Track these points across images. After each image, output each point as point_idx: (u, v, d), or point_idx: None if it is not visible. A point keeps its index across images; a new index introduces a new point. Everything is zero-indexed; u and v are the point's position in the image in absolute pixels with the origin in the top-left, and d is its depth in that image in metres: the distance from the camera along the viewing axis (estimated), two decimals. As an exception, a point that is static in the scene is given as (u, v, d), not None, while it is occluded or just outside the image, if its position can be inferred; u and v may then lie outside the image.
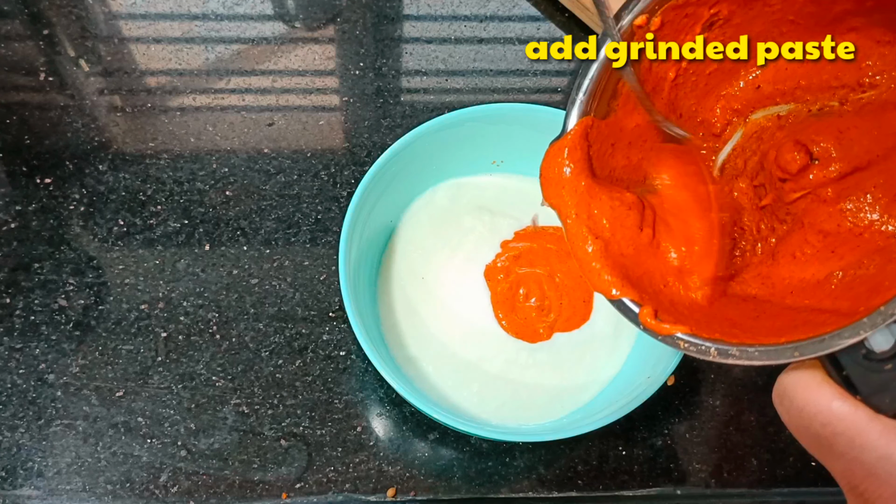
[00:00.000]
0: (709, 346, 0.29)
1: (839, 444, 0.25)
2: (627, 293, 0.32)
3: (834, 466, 0.26)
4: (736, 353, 0.28)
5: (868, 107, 0.33)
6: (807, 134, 0.34)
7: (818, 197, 0.33)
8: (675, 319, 0.31)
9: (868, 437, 0.24)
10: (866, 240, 0.31)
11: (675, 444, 0.45)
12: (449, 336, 0.44)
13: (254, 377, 0.45)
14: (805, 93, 0.35)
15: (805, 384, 0.26)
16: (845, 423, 0.24)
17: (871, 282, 0.28)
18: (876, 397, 0.25)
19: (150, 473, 0.42)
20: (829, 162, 0.33)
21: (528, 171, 0.48)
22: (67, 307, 0.46)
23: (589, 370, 0.44)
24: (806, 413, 0.26)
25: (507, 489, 0.43)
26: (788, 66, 0.35)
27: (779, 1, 0.33)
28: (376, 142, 0.53)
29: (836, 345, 0.25)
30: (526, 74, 0.57)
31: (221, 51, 0.56)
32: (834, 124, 0.33)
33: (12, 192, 0.49)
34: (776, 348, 0.27)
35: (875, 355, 0.25)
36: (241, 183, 0.51)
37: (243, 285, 0.48)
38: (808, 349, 0.26)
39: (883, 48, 0.32)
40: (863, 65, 0.33)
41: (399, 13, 0.59)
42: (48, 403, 0.44)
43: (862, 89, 0.33)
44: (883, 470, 0.24)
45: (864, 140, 0.32)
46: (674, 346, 0.30)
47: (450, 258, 0.46)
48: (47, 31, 0.56)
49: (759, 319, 0.31)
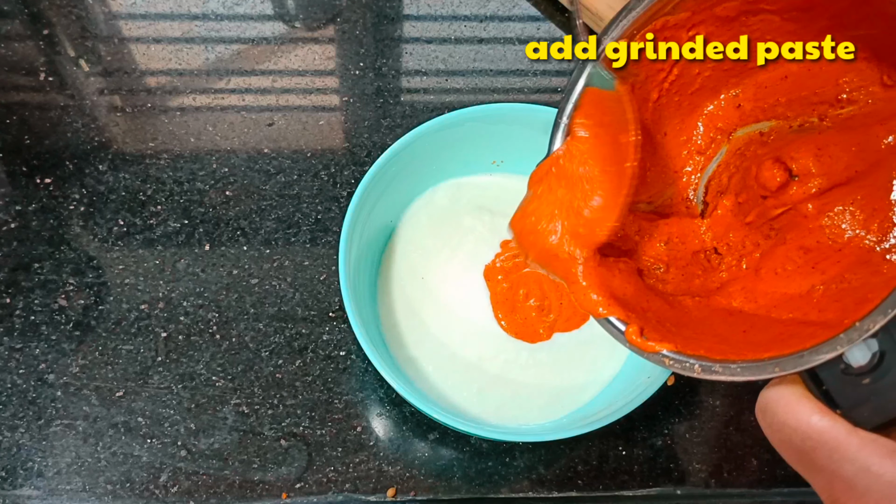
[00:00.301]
0: (693, 363, 0.30)
1: (819, 458, 0.25)
2: (614, 312, 0.33)
3: (815, 481, 0.26)
4: (719, 370, 0.29)
5: (848, 122, 0.33)
6: (786, 151, 0.34)
7: (799, 213, 0.34)
8: (661, 337, 0.31)
9: (847, 451, 0.24)
10: (846, 255, 0.32)
11: (675, 444, 0.45)
12: (449, 336, 0.44)
13: (254, 377, 0.45)
14: (786, 109, 0.36)
15: (786, 399, 0.26)
16: (824, 436, 0.25)
17: (856, 294, 0.29)
18: (855, 411, 0.25)
19: (150, 473, 0.42)
20: (809, 178, 0.33)
21: (528, 170, 0.48)
22: (67, 307, 0.46)
23: (589, 370, 0.44)
24: (787, 427, 0.26)
25: (507, 489, 0.43)
26: (768, 82, 0.36)
27: (756, 21, 0.33)
28: (376, 142, 0.53)
29: (814, 360, 0.26)
30: (526, 74, 0.57)
31: (221, 51, 0.56)
32: (813, 141, 0.34)
33: (12, 192, 0.49)
34: (758, 364, 0.28)
35: (853, 370, 0.26)
36: (241, 183, 0.51)
37: (243, 285, 0.48)
38: (789, 365, 0.27)
39: (860, 64, 0.33)
40: (840, 81, 0.33)
41: (399, 13, 0.59)
42: (48, 403, 0.44)
43: (840, 105, 0.34)
44: (861, 483, 0.24)
45: (843, 156, 0.33)
46: (659, 364, 0.31)
47: (450, 258, 0.46)
48: (47, 31, 0.56)
49: (748, 333, 0.31)
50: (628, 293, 0.34)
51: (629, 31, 0.33)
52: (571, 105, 0.34)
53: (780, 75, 0.35)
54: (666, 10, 0.32)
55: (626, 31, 0.32)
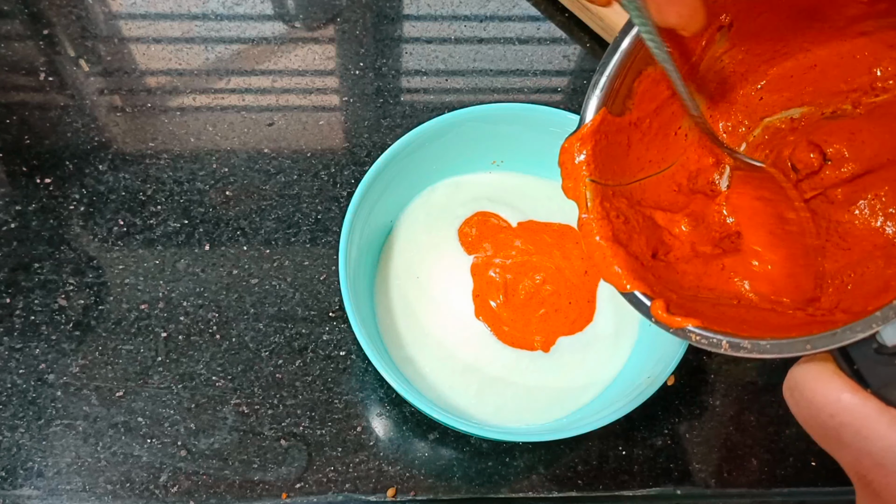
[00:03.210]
0: (720, 338, 0.29)
1: (846, 435, 0.25)
2: (638, 286, 0.32)
3: (841, 456, 0.26)
4: (748, 346, 0.28)
5: (878, 110, 0.33)
6: (819, 135, 0.34)
7: (827, 198, 0.33)
8: (686, 313, 0.31)
9: (876, 428, 0.24)
10: (870, 242, 0.31)
11: (675, 444, 0.45)
12: (446, 336, 0.44)
13: (254, 377, 0.45)
14: (815, 97, 0.35)
15: (815, 376, 0.26)
16: (853, 414, 0.25)
17: (877, 282, 0.28)
18: (886, 390, 0.25)
19: (150, 473, 0.42)
20: (842, 163, 0.33)
21: (528, 170, 0.48)
22: (67, 307, 0.46)
23: (590, 371, 0.44)
24: (815, 404, 0.26)
25: (507, 489, 0.43)
26: (794, 71, 0.35)
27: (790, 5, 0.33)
28: (376, 142, 0.53)
29: (847, 338, 0.25)
30: (526, 74, 0.57)
31: (221, 51, 0.56)
32: (846, 126, 0.33)
33: (12, 192, 0.49)
34: (788, 342, 0.27)
35: (886, 349, 0.25)
36: (241, 183, 0.51)
37: (243, 285, 0.48)
38: (820, 343, 0.26)
39: (895, 52, 0.32)
40: (873, 69, 0.33)
41: (399, 13, 0.59)
42: (48, 403, 0.44)
43: (875, 93, 0.33)
44: (890, 460, 0.24)
45: (875, 143, 0.32)
46: (685, 339, 0.30)
47: (446, 256, 0.46)
48: (47, 31, 0.56)
49: (770, 317, 0.31)
50: (649, 276, 0.34)
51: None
52: (606, 77, 0.33)
53: (809, 64, 0.35)
54: None
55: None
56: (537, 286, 0.45)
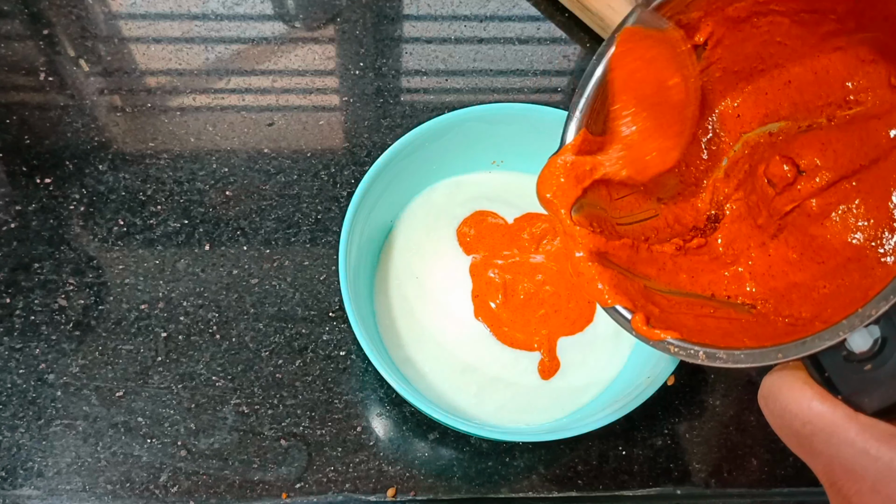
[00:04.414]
0: (697, 349, 0.31)
1: (818, 442, 0.26)
2: (620, 301, 0.33)
3: (815, 464, 0.26)
4: (723, 357, 0.29)
5: (851, 118, 0.34)
6: (792, 148, 0.35)
7: (804, 211, 0.34)
8: (666, 326, 0.32)
9: (846, 435, 0.25)
10: (843, 255, 0.32)
11: (675, 444, 0.45)
12: (445, 336, 0.44)
13: (254, 377, 0.45)
14: (792, 112, 0.36)
15: (788, 385, 0.27)
16: (825, 420, 0.25)
17: (856, 293, 0.29)
18: (856, 396, 0.25)
19: (150, 473, 0.42)
20: (815, 172, 0.34)
21: (528, 169, 0.48)
22: (67, 307, 0.46)
23: (590, 372, 0.44)
24: (788, 412, 0.27)
25: (507, 489, 0.43)
26: (769, 88, 0.36)
27: (766, 23, 0.34)
28: (376, 142, 0.53)
29: (816, 346, 0.26)
30: (526, 74, 0.57)
31: (221, 51, 0.56)
32: (818, 138, 0.34)
33: (12, 192, 0.49)
34: (761, 351, 0.28)
35: (855, 356, 0.26)
36: (241, 183, 0.51)
37: (243, 285, 0.48)
38: (791, 351, 0.27)
39: (867, 66, 0.33)
40: (846, 84, 0.34)
41: (399, 13, 0.59)
42: (48, 403, 0.44)
43: (848, 106, 0.34)
44: (860, 465, 0.24)
45: (847, 151, 0.33)
46: (664, 351, 0.32)
47: (444, 256, 0.46)
48: (47, 31, 0.56)
49: (751, 328, 0.31)
50: (631, 289, 0.34)
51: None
52: (585, 99, 0.35)
53: (784, 80, 0.36)
54: (678, 10, 0.33)
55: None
56: (537, 286, 0.45)
